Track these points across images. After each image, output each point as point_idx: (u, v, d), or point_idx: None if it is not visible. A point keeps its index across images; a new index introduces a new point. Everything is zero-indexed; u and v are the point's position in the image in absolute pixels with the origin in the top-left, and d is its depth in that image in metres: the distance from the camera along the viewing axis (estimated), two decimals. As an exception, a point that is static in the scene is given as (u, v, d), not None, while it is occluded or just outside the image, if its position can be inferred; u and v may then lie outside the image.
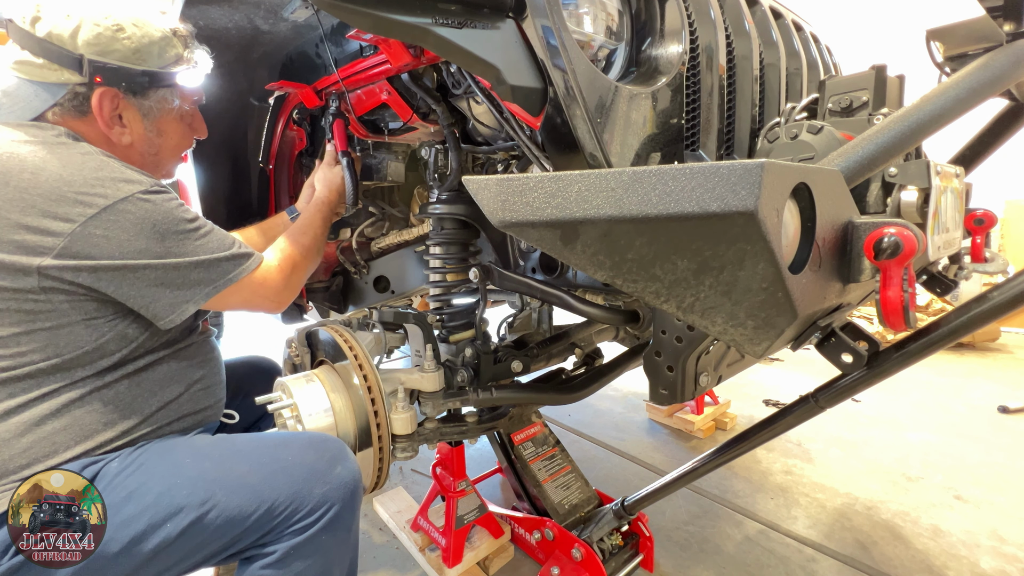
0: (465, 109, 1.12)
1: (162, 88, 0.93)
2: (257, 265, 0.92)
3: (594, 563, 1.27)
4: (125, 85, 0.87)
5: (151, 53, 0.88)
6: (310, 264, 1.09)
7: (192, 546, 0.75)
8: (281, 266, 0.99)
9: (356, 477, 0.86)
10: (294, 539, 0.78)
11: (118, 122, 0.89)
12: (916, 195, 0.77)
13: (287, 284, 0.99)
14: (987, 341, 3.66)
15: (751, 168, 0.44)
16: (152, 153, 0.97)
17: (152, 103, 0.92)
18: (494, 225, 0.62)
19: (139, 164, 0.93)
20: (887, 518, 1.69)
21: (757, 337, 0.53)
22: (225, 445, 0.86)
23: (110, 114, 0.87)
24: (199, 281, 0.84)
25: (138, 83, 0.88)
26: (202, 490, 0.76)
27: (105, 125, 0.87)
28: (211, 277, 0.85)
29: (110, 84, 0.85)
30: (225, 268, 0.87)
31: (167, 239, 0.80)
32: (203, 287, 0.85)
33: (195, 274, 0.84)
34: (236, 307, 0.93)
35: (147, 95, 0.91)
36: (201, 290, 0.85)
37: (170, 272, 0.81)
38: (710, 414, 2.34)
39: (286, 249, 1.04)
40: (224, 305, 0.91)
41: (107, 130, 0.88)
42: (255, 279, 0.92)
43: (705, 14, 0.97)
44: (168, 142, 0.99)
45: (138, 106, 0.91)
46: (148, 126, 0.94)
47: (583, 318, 1.19)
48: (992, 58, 0.86)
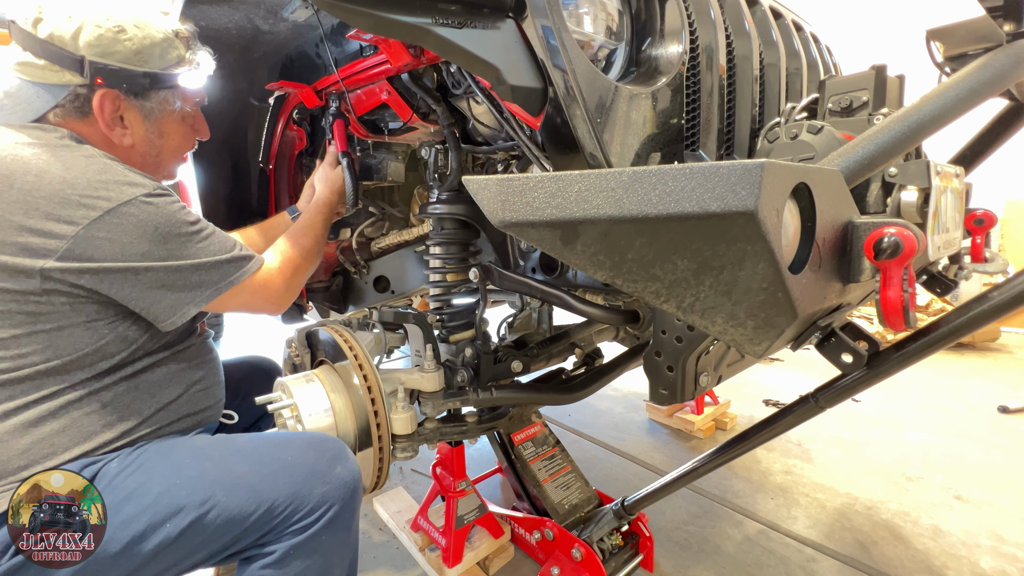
0: (465, 109, 1.12)
1: (164, 89, 0.93)
2: (258, 267, 0.92)
3: (594, 563, 1.27)
4: (126, 86, 0.87)
5: (153, 54, 0.88)
6: (311, 265, 1.09)
7: (192, 546, 0.75)
8: (282, 268, 1.00)
9: (356, 477, 0.86)
10: (294, 539, 0.78)
11: (119, 123, 0.89)
12: (916, 195, 0.77)
13: (288, 286, 0.99)
14: (987, 341, 3.66)
15: (751, 168, 0.44)
16: (153, 154, 0.97)
17: (154, 104, 0.92)
18: (494, 225, 0.62)
19: (140, 165, 0.93)
20: (887, 518, 1.68)
21: (757, 337, 0.53)
22: (225, 445, 0.86)
23: (111, 115, 0.87)
24: (201, 283, 0.84)
25: (139, 84, 0.88)
26: (202, 490, 0.76)
27: (106, 126, 0.87)
28: (212, 279, 0.85)
29: (111, 85, 0.85)
30: (226, 270, 0.87)
31: (169, 242, 0.81)
32: (204, 289, 0.85)
33: (196, 276, 0.84)
34: (237, 309, 0.94)
35: (148, 96, 0.91)
36: (203, 292, 0.85)
37: (172, 274, 0.81)
38: (710, 414, 2.34)
39: (287, 251, 1.04)
40: (225, 307, 0.91)
41: (108, 131, 0.88)
42: (256, 281, 0.92)
43: (705, 14, 0.97)
44: (170, 143, 0.99)
45: (139, 107, 0.91)
46: (149, 127, 0.94)
47: (583, 318, 1.19)
48: (992, 58, 0.86)
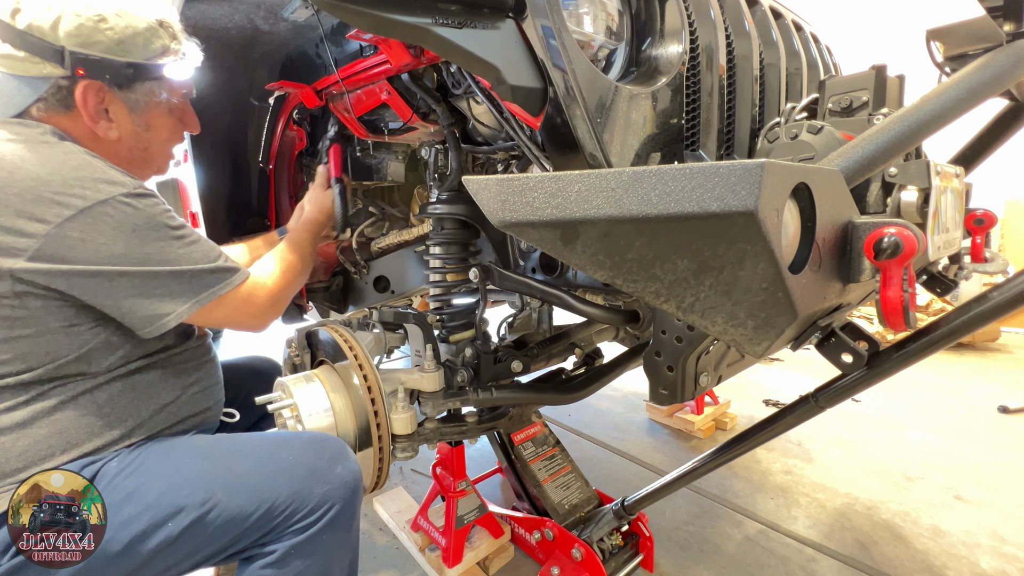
0: (465, 109, 1.12)
1: (149, 81, 0.89)
2: (243, 280, 0.89)
3: (594, 563, 1.27)
4: (109, 77, 0.84)
5: (135, 44, 0.85)
6: (296, 284, 1.06)
7: (193, 546, 0.75)
8: (267, 284, 0.96)
9: (356, 477, 0.85)
10: (294, 539, 0.78)
11: (104, 116, 0.86)
12: (916, 195, 0.77)
13: (272, 303, 0.96)
14: (987, 341, 3.66)
15: (751, 168, 0.44)
16: (141, 148, 0.93)
17: (139, 96, 0.89)
18: (494, 225, 0.62)
19: (128, 160, 0.91)
20: (887, 518, 1.68)
21: (757, 337, 0.53)
22: (225, 445, 0.86)
23: (95, 108, 0.84)
24: (181, 292, 0.80)
25: (123, 75, 0.85)
26: (203, 490, 0.76)
27: (91, 119, 0.84)
28: (194, 289, 0.82)
29: (93, 76, 0.82)
30: (208, 281, 0.83)
31: (147, 245, 0.77)
32: (185, 299, 0.81)
33: (176, 284, 0.80)
34: (218, 324, 0.90)
35: (133, 88, 0.88)
36: (183, 302, 0.81)
37: (149, 281, 0.77)
38: (710, 414, 2.34)
39: (273, 267, 1.02)
40: (206, 320, 0.87)
41: (93, 125, 0.85)
42: (240, 295, 0.88)
43: (705, 14, 0.97)
44: (157, 136, 0.95)
45: (124, 99, 0.87)
46: (136, 120, 0.90)
47: (583, 318, 1.19)
48: (992, 58, 0.86)
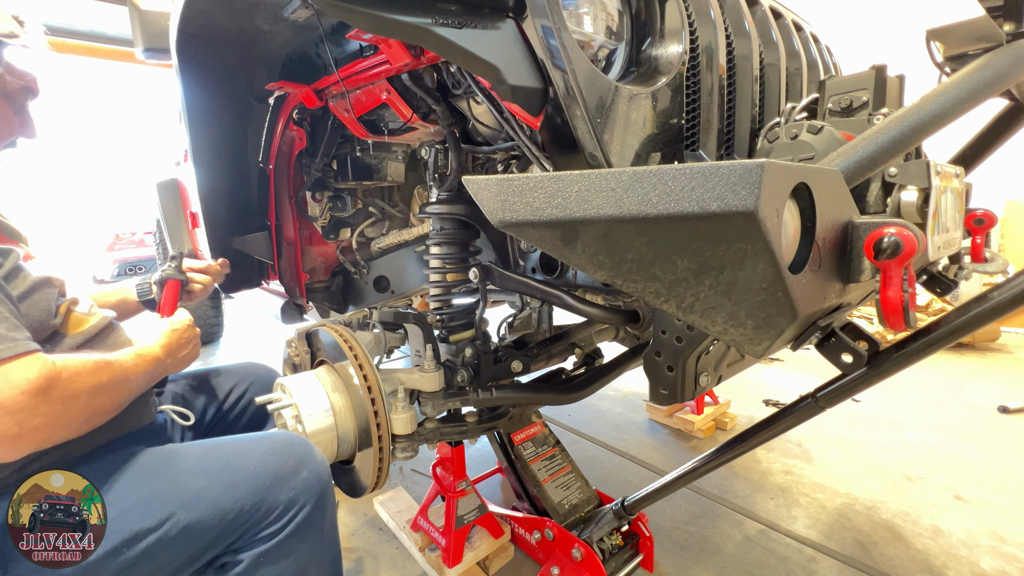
0: (465, 109, 1.13)
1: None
2: (10, 357, 0.64)
3: (594, 563, 1.27)
4: None
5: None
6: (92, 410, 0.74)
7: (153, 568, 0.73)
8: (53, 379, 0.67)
9: (323, 479, 0.84)
10: (262, 546, 0.77)
11: None
12: (916, 195, 0.77)
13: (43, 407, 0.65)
14: (987, 341, 3.65)
15: (751, 168, 0.44)
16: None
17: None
18: (494, 225, 0.62)
19: None
20: (887, 518, 1.68)
21: (757, 337, 0.53)
22: (176, 462, 0.81)
23: None
24: None
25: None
26: (157, 511, 0.73)
27: None
28: None
29: None
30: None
31: None
32: None
33: None
34: None
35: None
36: None
37: None
38: (710, 414, 2.34)
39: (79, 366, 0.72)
40: None
41: None
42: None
43: (705, 14, 0.97)
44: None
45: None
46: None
47: (583, 318, 1.19)
48: (992, 58, 0.86)
